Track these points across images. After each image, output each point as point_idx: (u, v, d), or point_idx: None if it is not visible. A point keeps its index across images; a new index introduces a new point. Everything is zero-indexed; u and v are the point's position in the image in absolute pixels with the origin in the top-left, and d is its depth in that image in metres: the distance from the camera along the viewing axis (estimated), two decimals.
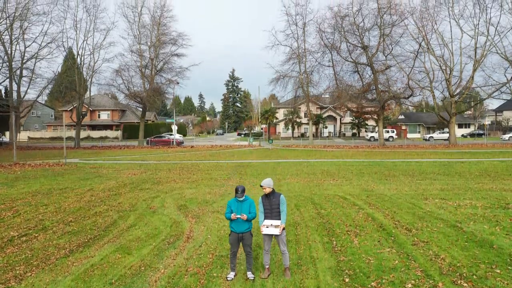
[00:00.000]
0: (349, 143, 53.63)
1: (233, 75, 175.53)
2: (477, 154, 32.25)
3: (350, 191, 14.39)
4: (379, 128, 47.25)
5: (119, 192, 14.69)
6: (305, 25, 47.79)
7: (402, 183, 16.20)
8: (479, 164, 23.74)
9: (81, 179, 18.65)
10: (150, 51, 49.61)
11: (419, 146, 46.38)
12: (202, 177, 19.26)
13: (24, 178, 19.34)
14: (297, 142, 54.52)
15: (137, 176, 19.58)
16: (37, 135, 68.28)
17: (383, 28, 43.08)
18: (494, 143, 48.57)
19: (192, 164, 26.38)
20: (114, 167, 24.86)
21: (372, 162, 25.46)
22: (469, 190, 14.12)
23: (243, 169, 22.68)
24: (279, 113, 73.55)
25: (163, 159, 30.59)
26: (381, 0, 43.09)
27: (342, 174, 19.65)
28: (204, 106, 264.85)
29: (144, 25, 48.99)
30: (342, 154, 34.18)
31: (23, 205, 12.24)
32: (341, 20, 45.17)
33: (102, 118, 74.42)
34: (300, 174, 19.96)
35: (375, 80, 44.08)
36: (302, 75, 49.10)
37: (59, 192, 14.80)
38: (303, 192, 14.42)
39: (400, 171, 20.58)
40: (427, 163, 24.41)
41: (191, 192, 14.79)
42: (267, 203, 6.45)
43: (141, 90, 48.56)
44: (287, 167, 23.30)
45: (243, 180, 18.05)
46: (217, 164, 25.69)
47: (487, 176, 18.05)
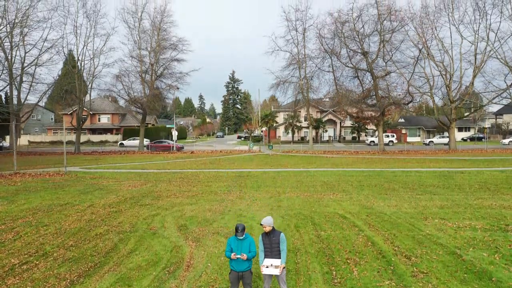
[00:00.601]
0: (349, 148, 53.69)
1: (233, 76, 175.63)
2: (477, 162, 32.28)
3: (350, 208, 14.42)
4: (379, 134, 47.29)
5: (120, 209, 14.72)
6: (305, 30, 47.95)
7: (402, 198, 16.22)
8: (479, 174, 23.76)
9: (82, 192, 18.67)
10: (150, 56, 49.68)
11: (419, 151, 46.42)
12: (202, 190, 19.29)
13: (24, 190, 19.36)
14: (297, 147, 54.55)
15: (137, 189, 19.60)
16: (37, 139, 68.33)
17: (383, 34, 43.13)
18: (494, 148, 48.61)
19: (192, 173, 26.42)
20: (114, 177, 24.89)
21: (371, 172, 25.48)
22: (468, 208, 14.15)
23: (243, 180, 22.70)
24: (279, 116, 73.64)
25: (163, 168, 30.63)
26: (381, 7, 43.15)
27: (342, 186, 19.68)
28: (204, 107, 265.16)
29: (144, 30, 49.09)
30: (342, 162, 34.22)
31: (23, 226, 12.27)
32: (341, 26, 45.25)
33: (102, 121, 74.49)
34: (300, 186, 19.99)
35: (375, 86, 44.13)
36: (302, 80, 49.16)
37: (59, 208, 14.83)
38: (303, 209, 14.45)
39: (400, 183, 20.61)
40: (427, 174, 24.44)
41: (191, 208, 14.82)
42: (267, 241, 6.48)
43: (141, 96, 48.60)
44: (287, 178, 23.32)
45: (243, 193, 18.07)
46: (217, 174, 25.72)
47: (487, 190, 18.08)
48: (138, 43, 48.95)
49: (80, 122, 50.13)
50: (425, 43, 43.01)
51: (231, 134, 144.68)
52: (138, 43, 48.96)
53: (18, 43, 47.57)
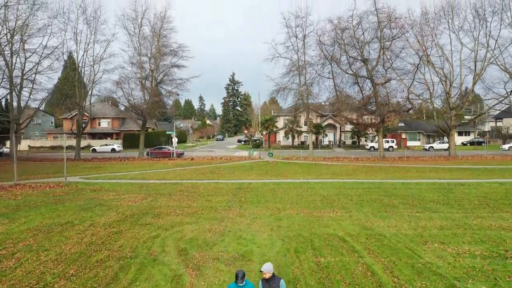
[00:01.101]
0: (349, 153, 53.72)
1: (233, 78, 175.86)
2: (477, 172, 32.33)
3: (349, 229, 14.45)
4: (379, 141, 47.35)
5: (120, 229, 14.75)
6: (305, 37, 48.02)
7: (402, 217, 16.25)
8: (479, 187, 23.80)
9: (82, 208, 18.71)
10: (150, 63, 49.76)
11: (419, 158, 46.47)
12: (202, 205, 19.33)
13: (25, 206, 19.41)
14: (297, 153, 54.57)
15: (137, 204, 19.64)
16: (37, 144, 68.40)
17: (383, 41, 43.18)
18: (494, 155, 48.65)
19: (192, 185, 26.45)
20: (114, 189, 24.94)
21: (371, 185, 25.49)
22: (468, 229, 14.19)
23: (243, 193, 22.73)
24: (279, 121, 73.64)
25: (163, 178, 30.68)
26: (381, 14, 43.21)
27: (342, 202, 19.71)
28: (204, 108, 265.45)
29: (144, 36, 49.15)
30: (341, 171, 34.27)
31: (24, 251, 12.31)
32: (341, 33, 45.30)
33: (102, 126, 74.56)
34: (299, 201, 20.01)
35: (375, 93, 44.18)
36: (302, 87, 49.21)
37: (60, 229, 14.87)
38: (303, 229, 14.47)
39: (400, 197, 20.63)
40: (427, 186, 24.46)
41: (191, 229, 14.86)
42: (267, 287, 6.52)
43: (141, 102, 48.66)
44: (287, 191, 23.35)
45: (243, 210, 18.10)
46: (217, 186, 25.74)
47: (487, 206, 18.12)
48: (138, 50, 49.05)
49: (80, 129, 50.20)
50: (425, 50, 43.09)
51: (231, 137, 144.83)
52: (138, 49, 49.04)
53: (18, 50, 47.69)
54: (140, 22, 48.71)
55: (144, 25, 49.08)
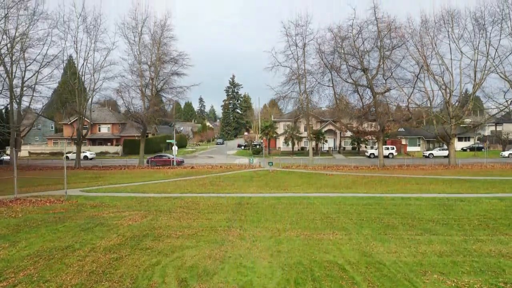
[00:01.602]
0: (349, 161, 53.79)
1: (233, 81, 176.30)
2: (476, 184, 32.40)
3: (349, 256, 14.48)
4: (379, 149, 47.43)
5: (121, 255, 14.78)
6: (305, 45, 48.04)
7: (402, 240, 16.29)
8: (478, 204, 23.86)
9: (82, 229, 18.75)
10: (151, 71, 49.84)
11: (419, 166, 46.55)
12: (202, 225, 19.37)
13: (25, 225, 19.45)
14: (297, 160, 54.65)
15: (137, 224, 19.68)
16: (37, 150, 68.51)
17: (383, 51, 43.27)
18: (494, 163, 48.75)
19: (192, 200, 26.51)
20: (115, 204, 25.01)
21: (371, 200, 25.52)
22: (467, 256, 14.23)
23: (243, 210, 22.77)
24: (279, 127, 73.68)
25: (164, 190, 30.74)
26: (381, 24, 43.29)
27: (342, 221, 19.75)
28: (204, 110, 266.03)
29: (144, 45, 49.24)
30: (341, 182, 34.33)
31: (25, 282, 12.34)
32: (341, 42, 45.37)
33: (102, 131, 74.63)
34: (299, 221, 20.05)
35: (375, 102, 44.25)
36: (302, 95, 49.28)
37: (61, 255, 14.90)
38: (303, 256, 14.50)
39: (400, 216, 20.68)
40: (426, 202, 24.49)
41: (191, 254, 14.89)
42: None
43: (141, 110, 48.73)
44: (287, 208, 23.40)
45: (243, 231, 18.14)
46: (217, 202, 25.78)
47: (486, 228, 18.17)
48: (138, 58, 49.16)
49: (80, 137, 50.34)
50: (425, 59, 43.17)
51: (231, 140, 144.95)
52: (138, 57, 49.17)
53: (18, 58, 47.79)
54: (140, 30, 48.85)
55: (144, 33, 49.25)
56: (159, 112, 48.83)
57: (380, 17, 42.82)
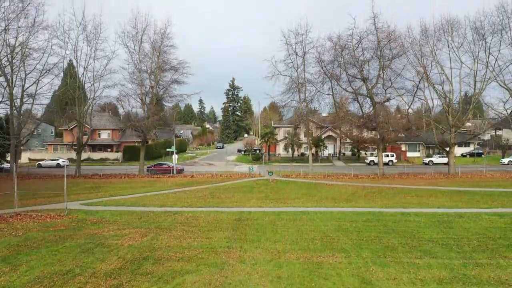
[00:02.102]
0: (349, 169, 53.88)
1: (233, 84, 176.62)
2: (476, 196, 32.50)
3: (349, 283, 14.52)
4: (378, 158, 47.53)
5: (121, 282, 14.81)
6: (304, 54, 48.09)
7: (401, 265, 16.34)
8: (478, 220, 23.93)
9: (83, 250, 18.79)
10: (151, 79, 49.94)
11: (418, 175, 46.63)
12: (202, 245, 19.41)
13: (25, 246, 19.48)
14: (297, 168, 54.71)
15: (138, 244, 19.72)
16: (37, 156, 68.57)
17: (382, 61, 43.38)
18: (494, 171, 48.83)
19: (193, 215, 26.56)
20: (115, 220, 25.07)
21: (371, 216, 25.55)
22: (467, 283, 14.28)
23: (243, 228, 22.80)
24: (279, 133, 73.70)
25: (163, 203, 30.77)
26: (380, 34, 43.38)
27: (342, 241, 19.79)
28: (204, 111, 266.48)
29: (144, 53, 49.36)
30: (341, 194, 34.39)
31: None
32: (341, 51, 45.47)
33: (102, 137, 74.71)
34: (299, 240, 20.08)
35: (375, 112, 44.35)
36: (302, 103, 49.38)
37: (61, 281, 14.93)
38: (303, 284, 14.53)
39: (399, 235, 20.74)
40: (426, 219, 24.51)
41: (192, 280, 14.92)
42: None
43: (141, 118, 48.81)
44: (287, 225, 23.45)
45: (243, 253, 18.17)
46: (217, 217, 25.82)
47: (486, 249, 18.22)
48: (138, 66, 49.23)
49: (80, 146, 50.50)
50: (425, 69, 43.28)
51: (231, 143, 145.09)
52: (138, 66, 49.23)
53: (18, 67, 47.89)
54: (140, 38, 48.92)
55: (145, 41, 49.33)
56: (159, 121, 48.96)
57: (380, 26, 43.04)
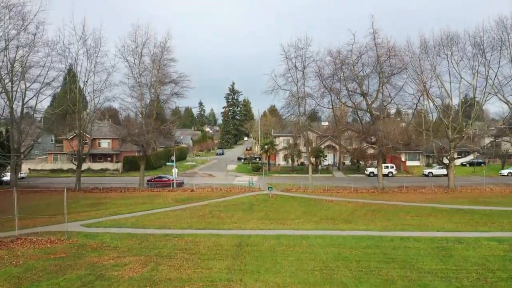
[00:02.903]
0: (349, 181, 54.06)
1: (233, 88, 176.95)
2: (476, 216, 32.72)
3: None
4: (378, 172, 47.62)
5: None
6: (304, 68, 48.17)
7: None
8: (477, 247, 24.01)
9: (83, 284, 18.80)
10: (151, 92, 50.04)
11: (418, 189, 46.75)
12: (202, 277, 19.43)
13: (26, 278, 19.51)
14: (297, 180, 54.77)
15: (138, 276, 19.74)
16: (38, 166, 68.68)
17: (382, 78, 43.54)
18: (493, 185, 48.86)
19: (193, 239, 26.57)
20: (116, 246, 25.10)
21: (370, 241, 25.53)
22: None
23: (243, 255, 22.83)
24: (279, 141, 73.73)
25: (164, 225, 30.79)
26: (380, 49, 43.51)
27: (341, 274, 19.77)
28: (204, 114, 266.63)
29: (144, 67, 49.52)
30: (341, 213, 34.51)
31: None
32: (340, 65, 45.60)
33: (102, 146, 74.84)
34: (299, 272, 20.08)
35: (375, 127, 44.47)
36: (302, 116, 49.48)
37: None
38: None
39: (398, 265, 20.79)
40: (425, 246, 24.49)
41: None
42: None
43: (141, 132, 48.92)
44: (287, 252, 23.48)
45: (243, 287, 18.27)
46: (217, 242, 25.83)
47: (485, 284, 18.27)
48: (138, 80, 49.37)
49: (81, 160, 50.75)
50: (425, 85, 43.46)
51: (231, 148, 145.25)
52: (138, 79, 49.37)
53: (19, 80, 48.04)
54: (140, 52, 49.03)
55: (145, 55, 49.46)
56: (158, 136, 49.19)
57: (379, 42, 43.14)
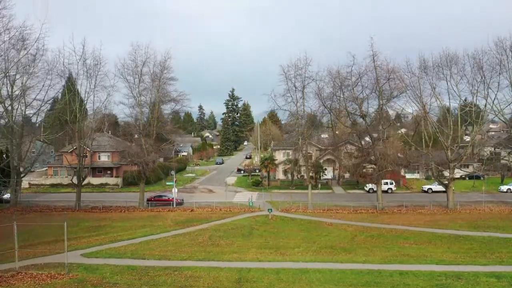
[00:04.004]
0: (348, 198, 54.21)
1: (232, 94, 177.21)
2: (475, 244, 32.78)
3: None
4: (378, 192, 47.73)
5: None
6: (304, 87, 48.19)
7: None
8: (476, 285, 24.10)
9: None
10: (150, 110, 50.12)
11: (417, 209, 46.90)
12: None
13: None
14: (297, 197, 54.89)
15: None
16: (37, 181, 68.74)
17: (382, 100, 43.72)
18: (492, 204, 48.87)
19: (192, 274, 26.56)
20: (116, 282, 25.11)
21: (369, 277, 25.52)
22: None
23: None
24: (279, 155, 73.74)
25: (164, 255, 30.70)
26: (380, 71, 43.67)
27: None
28: (204, 117, 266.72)
29: (144, 86, 49.71)
30: (340, 240, 34.55)
31: None
32: (340, 84, 45.74)
33: (102, 159, 74.76)
34: None
35: (373, 149, 44.62)
36: (301, 135, 49.60)
37: None
38: None
39: None
40: (424, 283, 24.54)
41: None
42: None
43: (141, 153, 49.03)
44: None
45: None
46: (216, 277, 25.84)
47: None
48: (137, 99, 49.52)
49: (81, 179, 50.97)
50: (424, 107, 43.66)
51: (231, 155, 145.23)
52: (138, 99, 49.52)
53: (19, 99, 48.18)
54: (140, 71, 49.12)
55: (145, 74, 49.56)
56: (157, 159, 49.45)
57: (379, 64, 43.23)
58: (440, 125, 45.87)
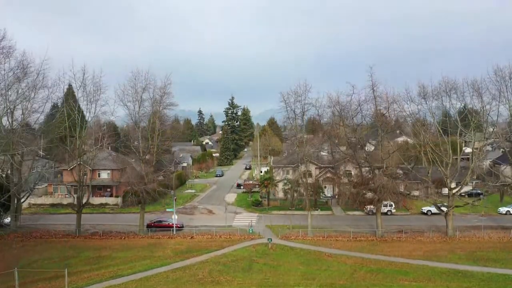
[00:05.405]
0: (348, 222, 54.39)
1: (232, 102, 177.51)
2: (474, 282, 32.79)
3: None
4: (377, 220, 47.88)
5: None
6: (304, 114, 48.37)
7: None
8: None
9: None
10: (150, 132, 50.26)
11: (417, 237, 47.03)
12: None
13: None
14: (296, 220, 54.98)
15: None
16: (38, 201, 68.78)
17: (381, 134, 43.99)
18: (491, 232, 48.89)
19: None
20: None
21: None
22: None
23: None
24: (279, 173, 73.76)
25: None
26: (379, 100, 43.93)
27: None
28: (204, 122, 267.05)
29: (144, 112, 49.98)
30: (340, 277, 34.65)
31: None
32: (339, 115, 45.97)
33: (102, 177, 74.79)
34: None
35: (373, 178, 44.79)
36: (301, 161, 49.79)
37: None
38: None
39: None
40: None
41: None
42: None
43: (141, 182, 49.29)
44: None
45: None
46: None
47: None
48: (138, 125, 49.72)
49: (81, 204, 51.20)
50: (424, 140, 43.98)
51: (231, 165, 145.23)
52: (138, 124, 49.73)
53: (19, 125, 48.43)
54: (140, 97, 49.31)
55: (145, 100, 49.78)
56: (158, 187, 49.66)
57: (378, 94, 43.47)
58: (439, 154, 46.03)
